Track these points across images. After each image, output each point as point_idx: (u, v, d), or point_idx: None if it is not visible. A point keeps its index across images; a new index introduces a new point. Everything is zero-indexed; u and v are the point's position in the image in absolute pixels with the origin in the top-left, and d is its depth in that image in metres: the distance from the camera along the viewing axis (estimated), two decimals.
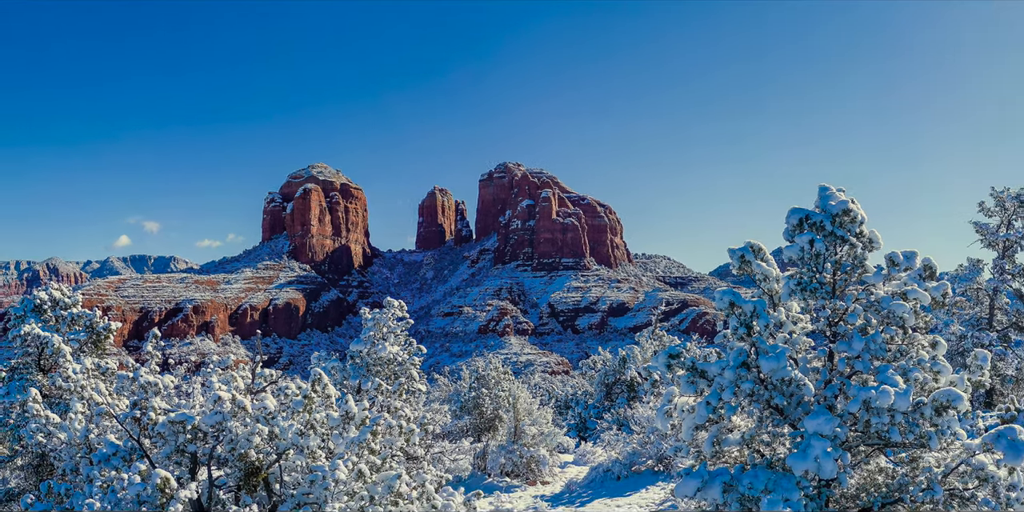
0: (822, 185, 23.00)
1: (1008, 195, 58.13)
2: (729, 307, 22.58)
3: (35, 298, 46.75)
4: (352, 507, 26.32)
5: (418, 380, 50.66)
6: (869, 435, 22.42)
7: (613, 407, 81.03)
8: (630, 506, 43.75)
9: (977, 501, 22.33)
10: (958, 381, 23.08)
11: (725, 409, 22.49)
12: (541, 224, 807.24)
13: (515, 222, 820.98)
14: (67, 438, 37.37)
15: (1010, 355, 57.16)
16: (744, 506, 21.87)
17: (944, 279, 23.71)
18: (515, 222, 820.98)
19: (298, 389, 27.28)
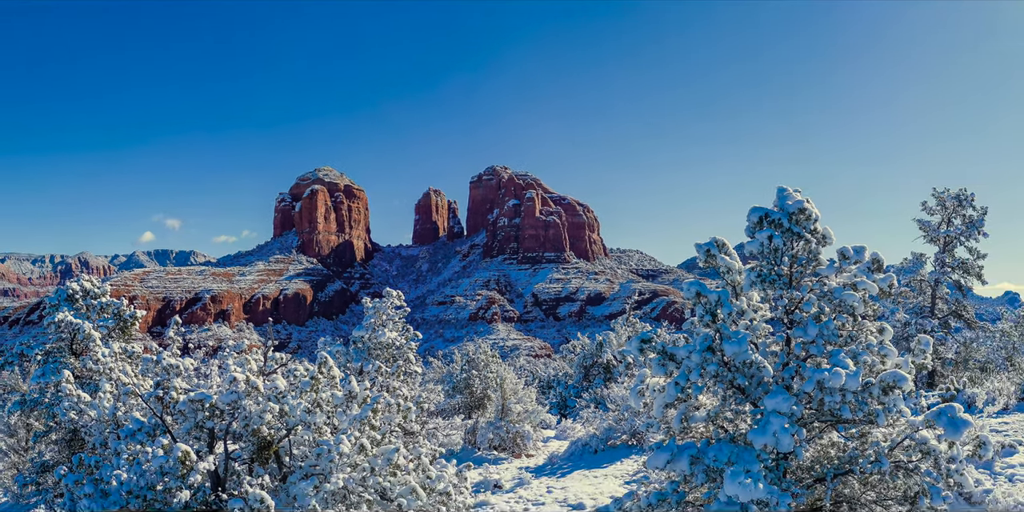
0: (780, 186, 23.03)
1: (948, 195, 58.67)
2: (696, 297, 22.63)
3: (68, 288, 46.74)
4: (355, 477, 26.38)
5: (414, 363, 50.80)
6: (822, 412, 22.45)
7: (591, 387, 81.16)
8: (606, 477, 43.75)
9: (920, 472, 22.38)
10: (903, 364, 23.13)
11: (692, 389, 22.51)
12: (526, 222, 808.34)
13: (502, 220, 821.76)
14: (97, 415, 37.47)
15: (950, 340, 57.67)
16: (709, 477, 21.89)
17: (890, 271, 23.75)
18: (502, 220, 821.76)
19: (306, 371, 27.33)
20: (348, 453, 26.12)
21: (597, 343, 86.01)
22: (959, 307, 59.62)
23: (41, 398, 44.13)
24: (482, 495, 42.18)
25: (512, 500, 40.97)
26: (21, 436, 53.64)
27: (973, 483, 28.75)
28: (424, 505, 27.69)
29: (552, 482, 44.12)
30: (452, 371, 69.79)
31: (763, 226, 22.88)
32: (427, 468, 28.69)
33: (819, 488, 23.27)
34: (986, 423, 41.68)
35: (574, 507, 38.82)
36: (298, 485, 25.50)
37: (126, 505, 25.09)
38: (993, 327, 61.51)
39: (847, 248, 23.53)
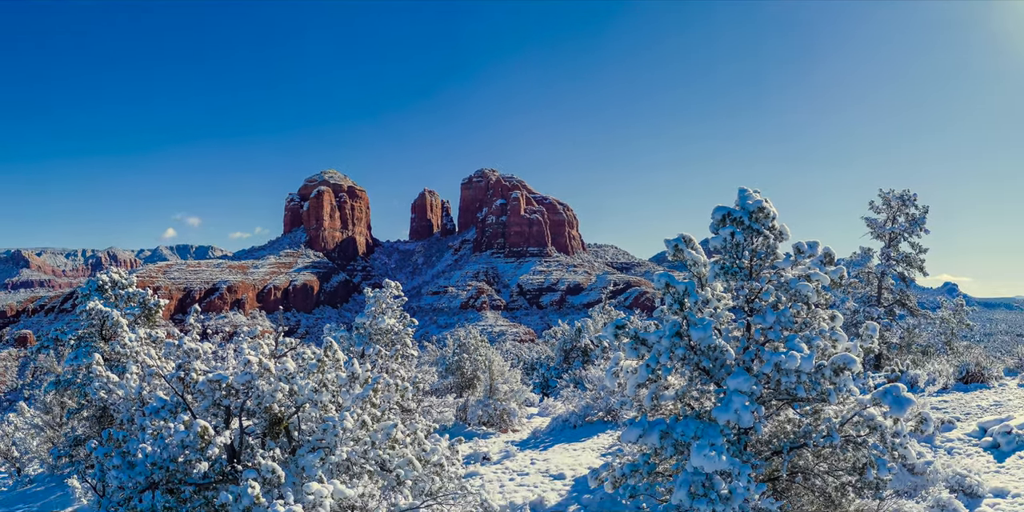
0: (741, 188, 23.08)
1: (893, 196, 58.90)
2: (665, 287, 22.65)
3: (98, 280, 46.99)
4: (357, 450, 26.43)
5: (411, 347, 51.06)
6: (780, 392, 22.49)
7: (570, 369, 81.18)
8: (584, 450, 43.77)
9: (868, 446, 22.44)
10: (852, 348, 23.17)
11: (662, 370, 22.54)
12: (511, 219, 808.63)
13: (490, 217, 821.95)
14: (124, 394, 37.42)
15: (895, 327, 57.74)
16: (677, 450, 21.90)
17: (841, 264, 23.74)
18: (490, 217, 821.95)
19: (313, 354, 27.35)
20: (351, 428, 26.17)
21: (576, 329, 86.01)
22: (903, 297, 59.79)
23: (74, 379, 44.31)
24: (472, 466, 42.19)
25: (499, 471, 41.00)
26: (56, 413, 53.69)
27: (915, 455, 28.75)
28: (420, 475, 27.75)
29: (535, 454, 44.11)
30: (445, 354, 69.84)
31: (726, 223, 22.94)
32: (422, 442, 28.70)
33: (776, 460, 23.29)
34: (927, 401, 41.74)
35: (555, 477, 38.85)
36: (306, 457, 25.51)
37: (151, 475, 25.11)
38: (933, 315, 61.71)
39: (802, 243, 23.63)
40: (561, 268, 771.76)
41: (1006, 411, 38.34)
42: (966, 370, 46.54)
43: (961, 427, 36.66)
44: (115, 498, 25.94)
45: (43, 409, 55.22)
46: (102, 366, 42.46)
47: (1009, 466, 31.11)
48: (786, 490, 24.24)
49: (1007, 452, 32.63)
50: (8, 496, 49.97)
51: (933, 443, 34.87)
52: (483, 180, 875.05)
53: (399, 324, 51.19)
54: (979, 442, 34.25)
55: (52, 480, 51.79)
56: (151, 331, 47.49)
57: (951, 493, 28.31)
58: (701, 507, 20.50)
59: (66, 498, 46.41)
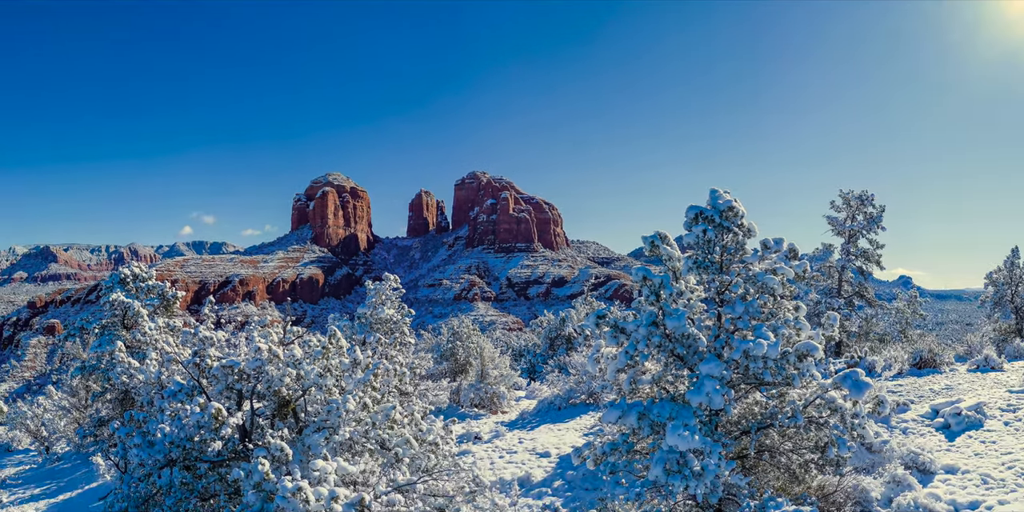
0: (713, 188, 23.11)
1: (852, 196, 59.06)
2: (643, 280, 22.68)
3: (120, 273, 47.12)
4: (359, 430, 26.45)
5: (408, 335, 51.12)
6: (748, 376, 22.52)
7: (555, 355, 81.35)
8: (568, 430, 43.78)
9: (829, 426, 22.48)
10: (815, 336, 23.22)
11: (639, 357, 22.58)
12: (501, 218, 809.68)
13: (482, 216, 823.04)
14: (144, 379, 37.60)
15: (854, 316, 57.84)
16: (654, 430, 21.92)
17: (804, 259, 23.79)
18: (482, 216, 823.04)
19: (318, 342, 27.38)
20: (353, 410, 26.21)
21: (560, 319, 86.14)
22: (861, 289, 59.89)
23: (98, 364, 44.35)
24: (465, 445, 42.23)
25: (490, 449, 41.02)
26: (81, 396, 53.83)
27: (873, 435, 28.82)
28: (417, 453, 27.80)
29: (523, 434, 44.14)
30: (440, 342, 69.85)
31: (698, 221, 22.97)
32: (419, 423, 28.74)
33: (745, 439, 23.32)
34: (884, 385, 41.77)
35: (541, 455, 38.87)
36: (312, 437, 25.54)
37: (169, 453, 25.19)
38: (889, 305, 61.76)
39: (768, 239, 23.68)
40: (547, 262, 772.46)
41: (956, 394, 38.39)
42: (919, 356, 46.58)
43: (915, 409, 36.69)
44: (136, 474, 26.06)
45: (70, 392, 55.43)
46: (124, 353, 42.75)
47: (959, 445, 31.16)
48: (754, 467, 24.27)
49: (957, 432, 32.69)
50: (38, 472, 50.05)
51: (889, 424, 34.90)
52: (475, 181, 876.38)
53: (398, 314, 51.26)
54: (931, 423, 34.30)
55: (78, 458, 51.85)
56: (169, 321, 47.60)
57: (906, 470, 28.36)
58: (675, 483, 20.53)
59: (91, 474, 46.52)
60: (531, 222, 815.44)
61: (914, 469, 28.78)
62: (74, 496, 42.71)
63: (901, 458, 29.37)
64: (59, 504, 41.49)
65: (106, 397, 45.31)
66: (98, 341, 45.44)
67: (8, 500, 43.13)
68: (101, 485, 43.59)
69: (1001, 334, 61.16)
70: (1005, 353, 48.68)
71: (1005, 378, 40.64)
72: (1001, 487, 26.66)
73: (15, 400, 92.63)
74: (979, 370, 43.86)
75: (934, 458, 29.25)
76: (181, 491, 25.34)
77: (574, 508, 30.12)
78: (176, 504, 25.13)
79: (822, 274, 60.06)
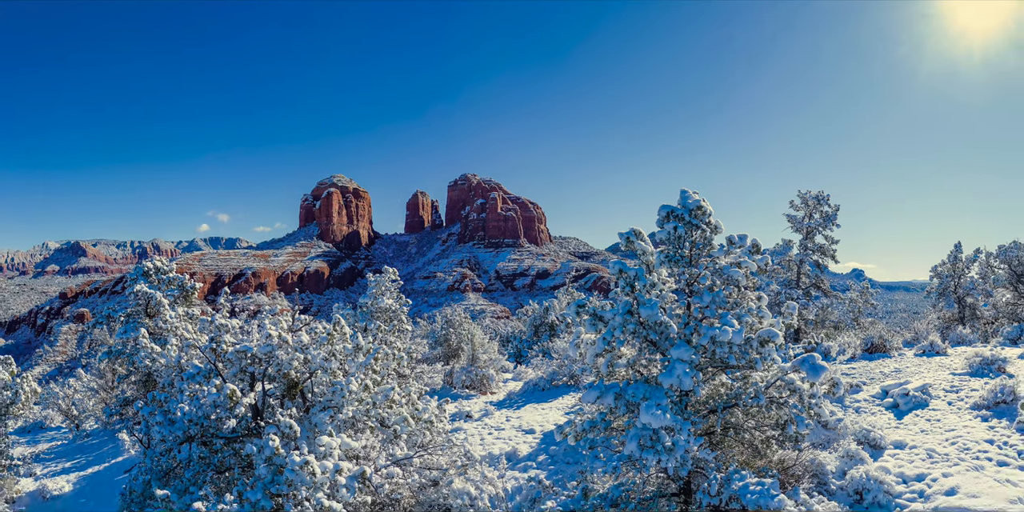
0: (683, 189, 23.19)
1: (810, 196, 59.34)
2: (619, 273, 22.72)
3: (144, 266, 47.30)
4: (361, 409, 26.58)
5: (405, 322, 51.33)
6: (715, 360, 22.59)
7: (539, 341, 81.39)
8: (551, 409, 43.82)
9: (788, 405, 22.56)
10: (775, 323, 23.27)
11: (616, 342, 22.59)
12: (490, 216, 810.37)
13: (472, 214, 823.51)
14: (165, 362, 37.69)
15: (811, 305, 57.99)
16: (629, 409, 21.97)
17: (766, 253, 24.01)
18: (472, 214, 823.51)
19: (324, 329, 27.48)
20: (356, 391, 26.36)
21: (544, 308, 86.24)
22: (818, 280, 60.07)
23: (123, 349, 44.47)
24: (457, 423, 42.25)
25: (480, 427, 41.04)
26: (108, 378, 53.90)
27: (828, 414, 28.88)
28: (413, 430, 27.91)
29: (510, 413, 44.16)
30: (434, 329, 69.93)
31: (670, 219, 23.05)
32: (415, 402, 28.93)
33: (712, 417, 23.37)
34: (838, 368, 41.84)
35: (527, 432, 38.90)
36: (318, 415, 25.60)
37: (188, 430, 25.30)
38: (843, 296, 61.91)
39: (733, 235, 23.77)
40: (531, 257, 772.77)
41: (904, 376, 38.48)
42: (871, 342, 46.61)
43: (866, 390, 36.74)
44: (158, 449, 26.16)
45: (98, 375, 55.52)
46: (147, 339, 42.83)
47: (907, 423, 31.23)
48: (720, 443, 24.33)
49: (905, 411, 32.75)
50: (69, 448, 50.03)
51: (843, 403, 34.95)
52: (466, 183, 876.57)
53: (396, 304, 51.42)
54: (881, 402, 34.37)
55: (105, 434, 51.82)
56: (188, 309, 47.74)
57: (858, 445, 28.45)
58: (649, 457, 20.58)
59: (117, 449, 46.52)
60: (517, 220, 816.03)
61: (866, 445, 28.86)
62: (102, 469, 42.71)
63: (854, 435, 29.44)
64: (88, 476, 41.48)
65: (131, 379, 45.43)
66: (123, 328, 45.62)
67: (42, 472, 43.18)
68: (126, 459, 43.61)
69: (945, 322, 61.44)
70: (949, 339, 48.80)
71: (949, 362, 40.74)
72: (945, 461, 26.77)
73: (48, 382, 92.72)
74: (925, 355, 43.94)
75: (884, 435, 29.33)
76: (199, 465, 25.47)
77: (557, 480, 30.18)
78: (194, 476, 25.26)
79: (782, 267, 60.19)
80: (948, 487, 24.74)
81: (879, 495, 25.03)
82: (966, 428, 29.48)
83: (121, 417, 45.83)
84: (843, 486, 25.85)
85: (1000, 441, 27.77)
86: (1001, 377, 33.99)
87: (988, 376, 36.09)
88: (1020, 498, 23.29)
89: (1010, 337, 47.01)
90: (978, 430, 29.10)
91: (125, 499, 25.74)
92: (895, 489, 25.36)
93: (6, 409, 39.69)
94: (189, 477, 25.31)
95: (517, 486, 30.59)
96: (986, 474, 25.30)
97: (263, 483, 22.20)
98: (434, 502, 28.27)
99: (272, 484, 22.16)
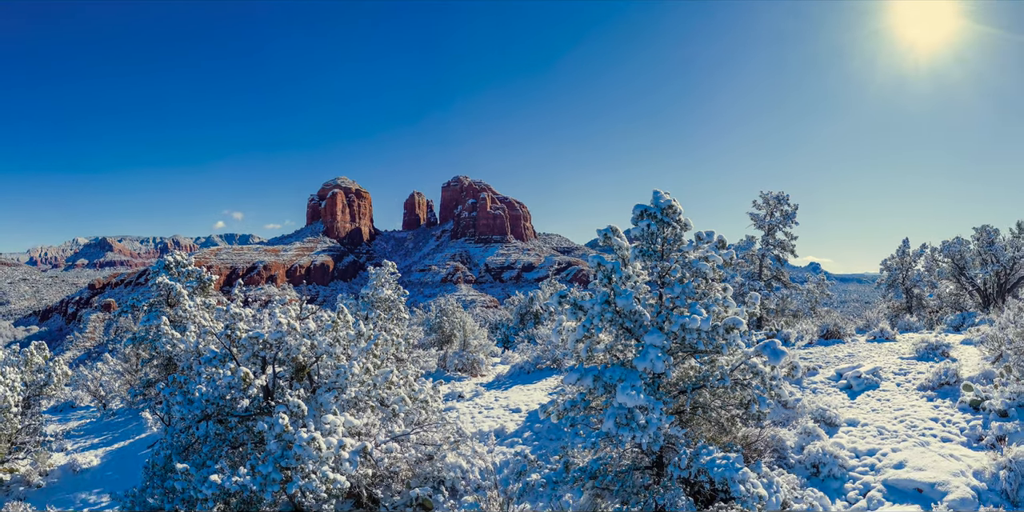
0: (655, 190, 23.23)
1: (771, 196, 59.43)
2: (597, 266, 22.77)
3: (165, 260, 47.40)
4: (362, 390, 26.68)
5: (403, 311, 51.38)
6: (684, 346, 22.62)
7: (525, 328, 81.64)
8: (536, 390, 43.89)
9: (751, 387, 22.61)
10: (740, 312, 23.31)
11: (595, 329, 22.65)
12: (480, 214, 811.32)
13: (464, 213, 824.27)
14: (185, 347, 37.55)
15: (772, 296, 58.04)
16: (606, 390, 22.01)
17: (731, 248, 23.96)
18: (464, 213, 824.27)
19: (328, 317, 27.54)
20: (358, 373, 26.44)
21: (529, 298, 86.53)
22: (778, 273, 60.18)
23: (146, 336, 44.55)
24: (450, 402, 42.34)
25: (471, 406, 41.12)
26: (132, 362, 53.94)
27: (788, 394, 28.92)
28: (410, 409, 28.05)
29: (498, 393, 44.21)
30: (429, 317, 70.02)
31: (643, 217, 23.06)
32: (412, 384, 28.99)
33: (682, 398, 23.41)
34: (797, 353, 41.94)
35: (514, 411, 38.97)
36: (323, 396, 25.66)
37: (205, 409, 25.33)
38: (801, 287, 62.00)
39: (701, 232, 23.86)
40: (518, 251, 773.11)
41: (857, 360, 38.56)
42: (826, 329, 46.72)
43: (823, 372, 36.82)
44: (178, 427, 26.18)
45: (123, 359, 55.58)
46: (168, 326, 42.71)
47: (859, 402, 31.35)
48: (689, 421, 24.37)
49: (857, 392, 32.86)
50: (97, 425, 50.10)
51: (801, 385, 35.03)
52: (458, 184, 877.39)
53: (394, 294, 51.44)
54: (836, 384, 34.45)
55: (130, 413, 51.92)
56: (205, 299, 47.76)
57: (815, 423, 28.54)
58: (624, 434, 20.63)
59: (140, 427, 46.64)
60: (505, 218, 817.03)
61: (822, 422, 28.95)
62: (127, 445, 42.76)
63: (811, 413, 29.53)
64: (114, 451, 41.53)
65: (153, 363, 45.43)
66: (146, 316, 45.75)
67: (72, 448, 43.24)
68: (149, 436, 43.70)
69: (894, 311, 61.63)
70: (897, 326, 48.90)
71: (897, 347, 40.85)
72: (894, 437, 26.90)
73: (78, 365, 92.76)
74: (876, 340, 44.05)
75: (839, 413, 29.42)
76: (215, 441, 25.53)
77: (541, 455, 30.22)
78: (211, 451, 25.33)
79: (746, 261, 60.31)
80: (897, 461, 24.87)
81: (834, 468, 25.14)
82: (913, 407, 29.62)
83: (144, 397, 45.90)
84: (801, 460, 25.95)
85: (944, 419, 27.92)
86: (945, 361, 34.18)
87: (933, 360, 36.22)
88: (962, 471, 23.44)
89: (953, 324, 47.18)
90: (924, 409, 29.23)
91: (148, 472, 25.77)
92: (849, 463, 25.48)
93: (40, 390, 39.91)
94: (206, 452, 25.36)
95: (505, 460, 30.67)
96: (931, 449, 25.43)
97: (274, 457, 22.30)
98: (429, 474, 28.44)
99: (282, 458, 22.27)
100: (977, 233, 58.57)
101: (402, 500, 27.60)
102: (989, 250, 57.48)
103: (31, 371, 39.96)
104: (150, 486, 25.20)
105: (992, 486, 22.68)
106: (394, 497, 27.69)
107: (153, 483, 25.23)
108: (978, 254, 58.33)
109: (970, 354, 36.68)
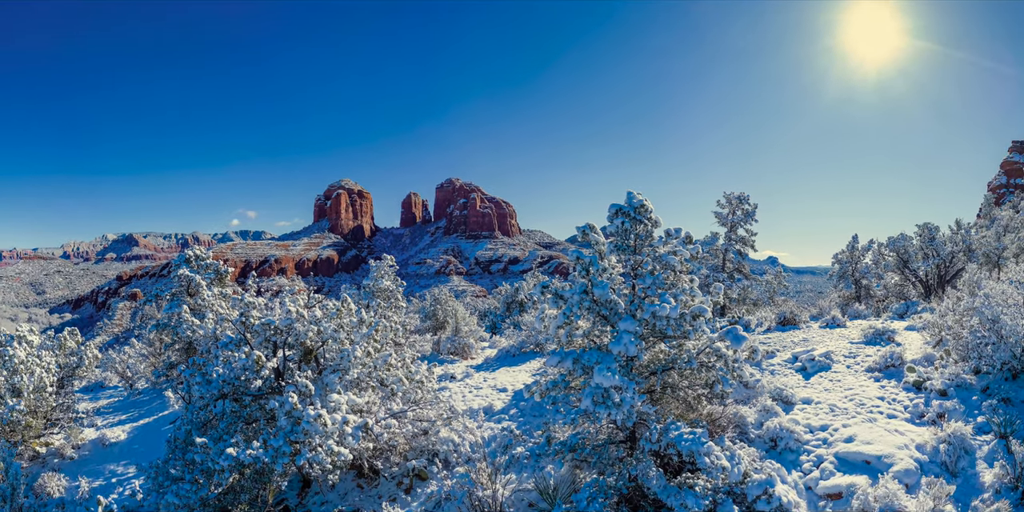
0: (629, 191, 23.22)
1: (732, 196, 59.61)
2: (576, 259, 22.79)
3: (186, 254, 47.45)
4: (364, 372, 26.77)
5: (400, 300, 51.38)
6: (655, 331, 22.62)
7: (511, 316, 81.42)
8: (521, 371, 43.82)
9: (715, 368, 22.64)
10: (705, 301, 23.31)
11: (574, 317, 22.65)
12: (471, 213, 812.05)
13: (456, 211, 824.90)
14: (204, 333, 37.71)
15: (734, 286, 58.21)
16: (585, 371, 22.02)
17: (697, 244, 23.95)
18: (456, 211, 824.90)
19: (333, 306, 27.59)
20: (360, 357, 26.52)
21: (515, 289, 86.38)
22: (740, 266, 60.30)
23: (169, 322, 44.53)
24: (443, 383, 42.28)
25: (462, 386, 41.10)
26: (156, 346, 54.00)
27: (749, 375, 28.95)
28: (407, 389, 28.12)
29: (487, 375, 44.16)
30: (424, 306, 70.02)
31: (618, 215, 23.05)
32: (409, 366, 29.14)
33: (653, 378, 23.42)
34: (757, 338, 41.96)
35: (501, 390, 38.96)
36: (329, 377, 25.67)
37: (222, 389, 25.36)
38: (761, 278, 62.19)
39: (670, 229, 23.86)
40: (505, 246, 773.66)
41: (811, 345, 38.61)
42: (783, 316, 46.76)
43: (780, 356, 36.87)
44: (197, 405, 26.22)
45: (147, 343, 55.66)
46: (188, 314, 42.87)
47: (813, 383, 31.41)
48: (659, 399, 24.39)
49: (811, 373, 32.92)
50: (124, 403, 50.08)
51: (761, 367, 35.07)
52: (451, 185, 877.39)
53: (393, 285, 51.39)
54: (792, 366, 34.50)
55: (154, 392, 51.88)
56: (222, 290, 47.82)
57: (773, 401, 28.58)
58: (601, 411, 20.65)
59: (163, 405, 46.61)
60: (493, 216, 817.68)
61: (779, 401, 29.00)
62: (151, 421, 42.75)
63: (770, 393, 29.59)
64: (140, 426, 41.54)
65: (175, 347, 45.42)
66: (169, 305, 45.74)
67: (102, 424, 43.21)
68: (171, 413, 43.67)
69: (844, 300, 61.72)
70: (847, 314, 48.97)
71: (847, 333, 40.93)
72: (844, 414, 27.01)
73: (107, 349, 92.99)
74: (828, 327, 44.12)
75: (794, 393, 29.50)
76: (231, 417, 25.57)
77: (525, 430, 30.25)
78: (227, 427, 25.36)
79: (711, 255, 60.45)
80: (847, 435, 24.97)
81: (790, 442, 25.21)
82: (862, 387, 29.70)
83: (167, 378, 45.98)
84: (760, 435, 26.02)
85: (890, 398, 28.04)
86: (890, 345, 34.39)
87: (880, 344, 36.28)
88: (906, 444, 23.58)
89: (898, 312, 47.28)
90: (871, 389, 29.33)
91: (171, 445, 25.79)
92: (803, 437, 25.56)
93: (73, 371, 40.02)
94: (223, 427, 25.39)
95: (492, 435, 30.68)
96: (878, 425, 25.54)
97: (284, 432, 22.35)
98: (424, 448, 28.55)
99: (291, 433, 22.32)
100: (920, 230, 58.76)
101: (400, 471, 27.73)
102: (930, 245, 57.68)
103: (65, 354, 40.07)
104: (172, 458, 25.23)
105: (933, 458, 22.84)
106: (393, 468, 27.79)
107: (175, 456, 25.25)
108: (920, 249, 58.49)
109: (913, 339, 36.77)
